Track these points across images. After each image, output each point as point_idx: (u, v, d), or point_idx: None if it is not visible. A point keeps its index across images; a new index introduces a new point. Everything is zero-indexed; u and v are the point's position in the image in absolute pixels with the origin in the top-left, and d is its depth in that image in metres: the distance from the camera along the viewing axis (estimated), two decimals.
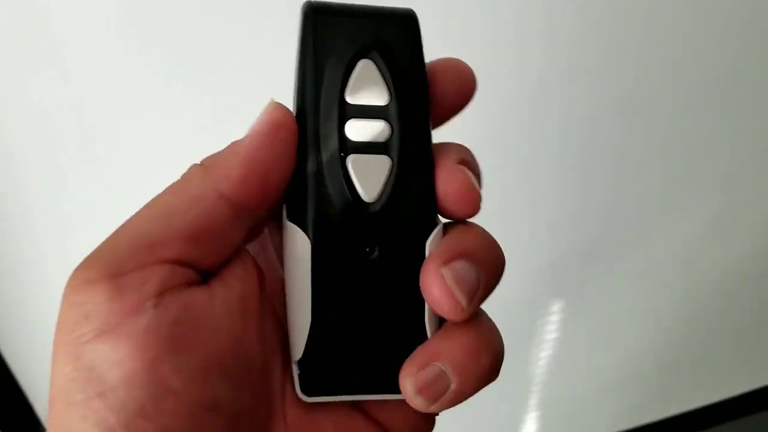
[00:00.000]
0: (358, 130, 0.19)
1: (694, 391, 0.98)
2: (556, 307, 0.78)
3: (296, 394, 0.20)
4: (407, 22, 0.20)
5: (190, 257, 0.18)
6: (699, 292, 0.84)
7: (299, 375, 0.20)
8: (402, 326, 0.20)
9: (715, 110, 0.68)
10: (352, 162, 0.19)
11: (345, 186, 0.19)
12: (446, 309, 0.19)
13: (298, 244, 0.19)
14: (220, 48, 0.52)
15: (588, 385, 0.88)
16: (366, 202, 0.19)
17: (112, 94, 0.52)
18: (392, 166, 0.19)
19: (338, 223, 0.19)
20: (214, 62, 0.52)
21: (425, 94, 0.20)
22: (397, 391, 0.19)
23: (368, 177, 0.19)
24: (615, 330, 0.84)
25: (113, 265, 0.17)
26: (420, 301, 0.19)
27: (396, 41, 0.19)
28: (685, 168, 0.71)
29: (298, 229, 0.19)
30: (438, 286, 0.18)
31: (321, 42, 0.19)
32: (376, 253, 0.19)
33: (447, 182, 0.20)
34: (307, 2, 0.20)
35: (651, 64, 0.62)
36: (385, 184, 0.19)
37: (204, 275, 0.19)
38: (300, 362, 0.20)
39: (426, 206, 0.20)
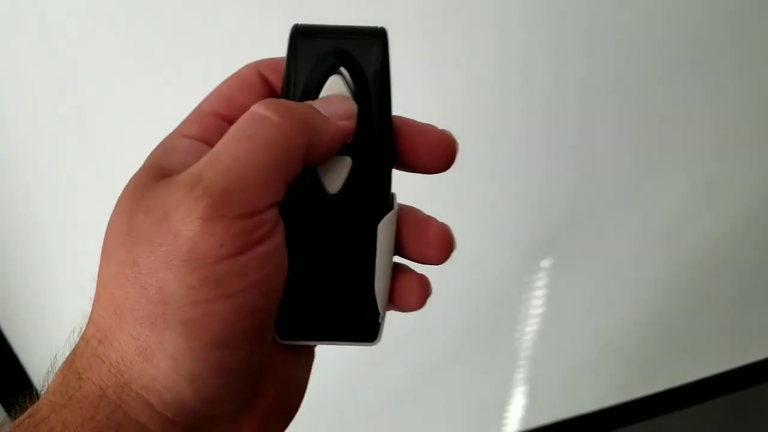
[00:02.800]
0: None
1: (680, 367, 1.00)
2: (541, 282, 0.80)
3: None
4: (376, 39, 0.24)
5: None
6: (684, 265, 0.85)
7: (276, 324, 0.24)
8: (355, 286, 0.24)
9: (695, 82, 0.69)
10: None
11: (313, 179, 0.23)
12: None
13: None
14: (228, 37, 0.55)
15: (575, 358, 0.90)
16: (330, 194, 0.24)
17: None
18: (352, 164, 0.24)
19: (307, 209, 0.23)
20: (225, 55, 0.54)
21: (387, 101, 0.24)
22: (353, 339, 0.25)
23: (332, 173, 0.24)
24: (600, 304, 0.86)
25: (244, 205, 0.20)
26: (371, 267, 0.24)
27: (363, 56, 0.24)
28: (668, 140, 0.73)
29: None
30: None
31: (302, 60, 0.24)
32: (337, 230, 0.24)
33: (419, 136, 0.24)
34: (294, 25, 0.24)
35: (630, 37, 0.64)
36: (347, 179, 0.24)
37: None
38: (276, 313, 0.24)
39: (380, 195, 0.24)
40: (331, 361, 0.75)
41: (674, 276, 0.87)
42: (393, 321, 0.25)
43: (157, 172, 0.21)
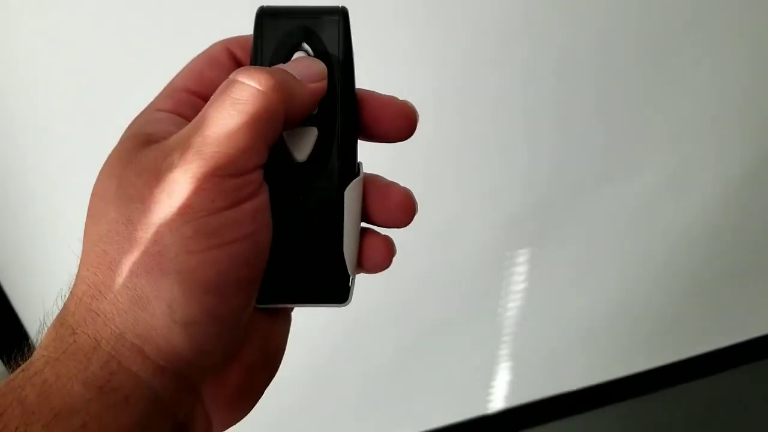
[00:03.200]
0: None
1: (661, 347, 1.02)
2: (522, 258, 0.81)
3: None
4: (336, 16, 0.25)
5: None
6: (662, 243, 0.87)
7: None
8: (325, 250, 0.26)
9: (672, 64, 0.70)
10: (286, 132, 0.25)
11: (282, 150, 0.25)
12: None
13: None
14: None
15: (559, 335, 0.92)
16: (298, 162, 0.25)
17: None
18: (318, 134, 0.25)
19: (277, 176, 0.24)
20: None
21: (350, 75, 0.25)
22: (325, 301, 0.26)
23: (299, 143, 0.25)
24: (582, 281, 0.87)
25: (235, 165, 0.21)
26: (339, 232, 0.25)
27: (325, 33, 0.25)
28: (643, 120, 0.74)
29: None
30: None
31: (267, 39, 0.25)
32: (306, 197, 0.25)
33: (382, 107, 0.25)
34: (260, 7, 0.25)
35: (611, 16, 0.65)
36: (313, 148, 0.25)
37: None
38: None
39: (346, 163, 0.25)
40: (313, 340, 0.77)
41: (654, 254, 0.88)
42: (375, 298, 0.26)
43: (143, 139, 0.22)
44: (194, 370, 0.22)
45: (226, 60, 0.26)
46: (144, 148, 0.22)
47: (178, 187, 0.20)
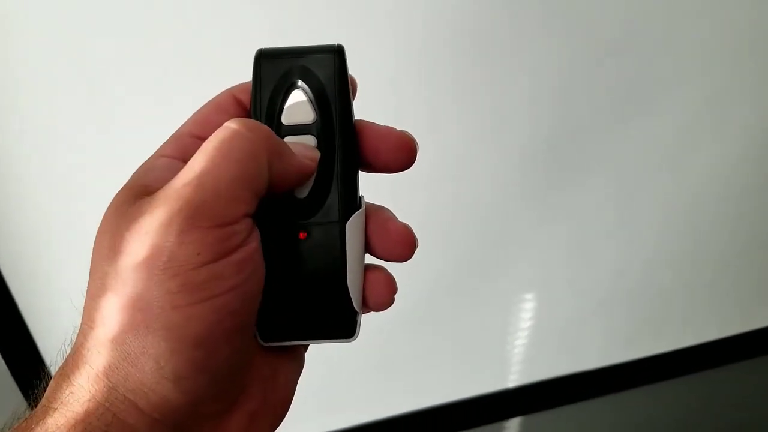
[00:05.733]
0: (292, 143, 0.25)
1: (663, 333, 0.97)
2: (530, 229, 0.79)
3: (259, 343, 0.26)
4: (332, 53, 0.26)
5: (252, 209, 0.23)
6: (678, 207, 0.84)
7: (257, 327, 0.26)
8: (329, 285, 0.26)
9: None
10: None
11: None
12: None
13: None
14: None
15: (571, 311, 0.90)
16: (299, 198, 0.25)
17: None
18: (317, 169, 0.25)
19: (278, 213, 0.25)
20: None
21: (347, 108, 0.26)
22: (332, 337, 0.26)
23: None
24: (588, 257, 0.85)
25: (218, 217, 0.21)
26: (342, 266, 0.25)
27: (321, 70, 0.26)
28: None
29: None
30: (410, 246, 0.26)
31: (265, 80, 0.26)
32: (308, 232, 0.25)
33: (381, 139, 0.26)
34: (258, 49, 0.26)
35: None
36: (314, 184, 0.25)
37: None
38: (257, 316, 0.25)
39: (347, 197, 0.26)
40: None
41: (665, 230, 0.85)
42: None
43: (139, 190, 0.23)
44: (191, 420, 0.22)
45: (233, 106, 0.27)
46: (138, 200, 0.22)
47: (163, 241, 0.21)
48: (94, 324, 0.21)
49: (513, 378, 0.94)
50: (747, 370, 1.03)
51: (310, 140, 0.26)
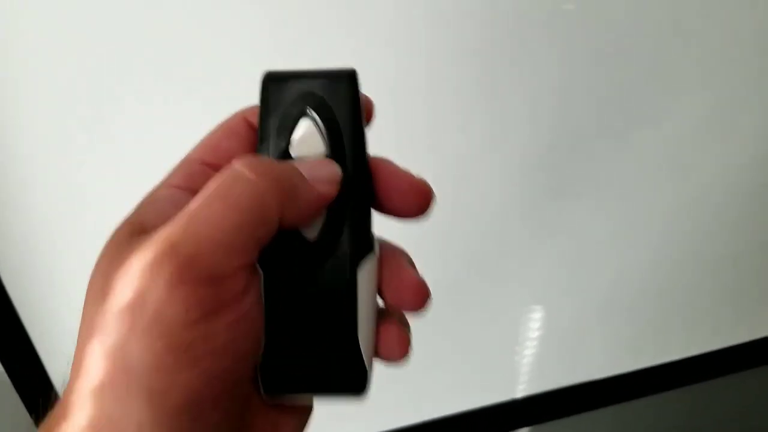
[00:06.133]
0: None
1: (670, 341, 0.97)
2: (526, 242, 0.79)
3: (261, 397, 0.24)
4: (345, 80, 0.23)
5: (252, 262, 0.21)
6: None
7: (260, 378, 0.23)
8: (338, 335, 0.23)
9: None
10: None
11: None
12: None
13: None
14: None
15: (575, 320, 0.89)
16: (308, 240, 0.23)
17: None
18: (328, 208, 0.23)
19: (286, 256, 0.23)
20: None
21: (361, 141, 0.24)
22: (340, 392, 0.24)
23: None
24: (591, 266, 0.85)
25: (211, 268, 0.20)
26: (353, 315, 0.23)
27: (333, 98, 0.23)
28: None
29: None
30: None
31: (273, 106, 0.23)
32: (317, 278, 0.23)
33: (395, 182, 0.24)
34: (265, 72, 0.24)
35: None
36: (324, 224, 0.23)
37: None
38: (260, 367, 0.23)
39: (359, 238, 0.23)
40: None
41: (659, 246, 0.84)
42: None
43: (135, 228, 0.21)
44: None
45: (244, 130, 0.25)
46: (133, 240, 0.20)
47: (150, 294, 0.19)
48: (78, 373, 0.20)
49: (521, 389, 0.93)
50: (753, 379, 1.01)
51: None
